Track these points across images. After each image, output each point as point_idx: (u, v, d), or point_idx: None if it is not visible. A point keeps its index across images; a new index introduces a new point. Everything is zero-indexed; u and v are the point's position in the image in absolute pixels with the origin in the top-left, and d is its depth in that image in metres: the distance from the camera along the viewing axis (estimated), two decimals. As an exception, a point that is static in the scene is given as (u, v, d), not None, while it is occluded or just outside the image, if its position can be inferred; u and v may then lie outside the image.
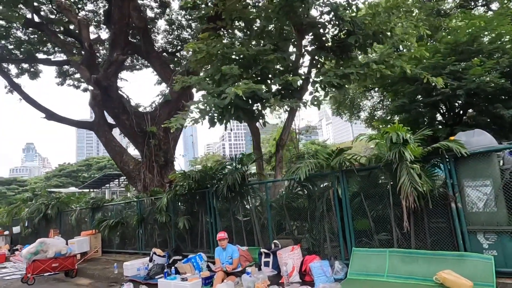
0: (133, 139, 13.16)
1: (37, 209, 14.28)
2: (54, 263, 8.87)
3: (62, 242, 9.43)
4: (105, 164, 58.10)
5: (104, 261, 10.39)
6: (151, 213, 9.90)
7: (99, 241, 11.50)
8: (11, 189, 58.32)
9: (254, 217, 7.24)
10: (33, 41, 18.19)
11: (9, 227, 18.14)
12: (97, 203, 11.93)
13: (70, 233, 14.11)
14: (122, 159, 14.10)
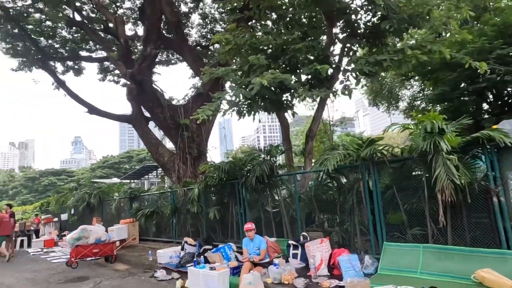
0: (167, 131, 13.56)
1: (81, 198, 15.22)
2: (95, 249, 9.42)
3: (102, 229, 9.98)
4: (144, 156, 60.62)
5: (141, 248, 10.86)
6: (183, 204, 10.19)
7: (136, 229, 12.04)
8: (61, 180, 62.81)
9: (283, 208, 7.19)
10: (76, 39, 19.20)
11: (58, 215, 19.55)
12: (134, 193, 12.48)
13: (110, 221, 14.90)
14: (158, 151, 14.59)
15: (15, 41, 17.80)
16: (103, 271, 8.48)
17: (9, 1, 17.19)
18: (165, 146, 14.99)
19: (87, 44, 19.87)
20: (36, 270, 9.15)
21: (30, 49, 17.83)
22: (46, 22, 17.88)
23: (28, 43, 17.41)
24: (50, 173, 68.21)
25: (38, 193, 61.64)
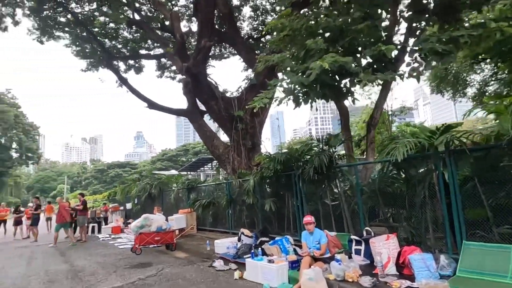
0: (222, 123, 13.70)
1: (143, 188, 16.11)
2: (157, 237, 9.83)
3: (162, 218, 10.39)
4: (199, 149, 62.93)
5: (199, 237, 11.15)
6: (239, 195, 10.21)
7: (194, 219, 12.40)
8: (126, 171, 67.77)
9: (343, 201, 6.79)
10: (136, 39, 20.26)
11: (123, 204, 21.00)
12: (192, 184, 12.84)
13: (170, 211, 15.57)
14: (213, 143, 14.85)
15: (83, 44, 19.28)
16: (165, 258, 8.80)
17: (78, 6, 18.62)
18: (219, 138, 15.20)
19: (146, 43, 20.89)
20: (105, 255, 9.81)
21: (96, 50, 19.17)
22: (110, 24, 19.08)
23: (95, 44, 18.73)
24: (116, 166, 74.01)
25: (106, 184, 67.30)
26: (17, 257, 10.37)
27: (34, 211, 15.12)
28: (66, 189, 74.88)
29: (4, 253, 11.68)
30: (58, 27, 18.58)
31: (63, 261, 9.15)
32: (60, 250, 11.46)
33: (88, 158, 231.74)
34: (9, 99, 59.32)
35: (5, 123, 55.72)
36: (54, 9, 17.92)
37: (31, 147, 60.15)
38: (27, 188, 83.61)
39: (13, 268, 8.63)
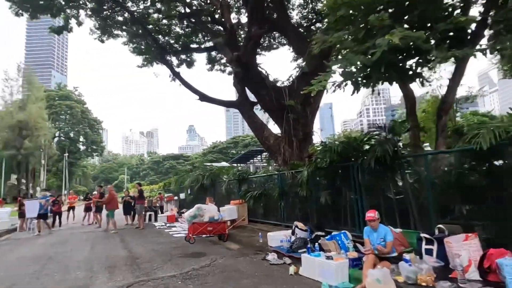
0: (273, 113, 13.39)
1: (196, 179, 16.44)
2: (209, 227, 9.88)
3: (214, 209, 10.41)
4: (249, 141, 63.54)
5: (250, 229, 11.03)
6: (291, 187, 9.85)
7: (245, 210, 12.30)
8: (179, 163, 70.87)
9: (410, 195, 6.12)
10: (188, 33, 20.67)
11: (177, 193, 21.76)
12: (243, 175, 12.75)
13: (221, 202, 15.69)
14: (263, 135, 14.62)
15: (139, 41, 20.11)
16: (217, 249, 8.79)
17: (133, 5, 19.38)
18: (270, 129, 14.92)
19: (197, 37, 21.23)
20: (160, 243, 10.09)
21: (151, 47, 19.88)
22: (163, 21, 19.71)
23: (149, 41, 19.42)
24: (171, 158, 77.74)
25: (162, 175, 71.00)
26: (83, 241, 11.10)
27: (99, 199, 16.16)
28: (126, 180, 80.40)
29: (73, 236, 12.62)
30: (116, 26, 19.51)
31: (122, 247, 9.57)
32: (120, 236, 12.07)
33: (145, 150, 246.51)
34: (76, 96, 64.82)
35: (73, 118, 61.03)
36: (112, 8, 18.81)
37: (95, 140, 65.30)
38: (93, 178, 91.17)
39: (79, 251, 9.21)
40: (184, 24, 20.28)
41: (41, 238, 12.46)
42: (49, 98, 57.52)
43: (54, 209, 15.89)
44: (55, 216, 16.11)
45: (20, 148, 33.99)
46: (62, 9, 17.53)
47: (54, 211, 15.93)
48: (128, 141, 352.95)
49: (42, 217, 13.86)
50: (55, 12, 17.39)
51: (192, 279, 5.76)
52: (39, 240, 12.07)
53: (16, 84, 35.82)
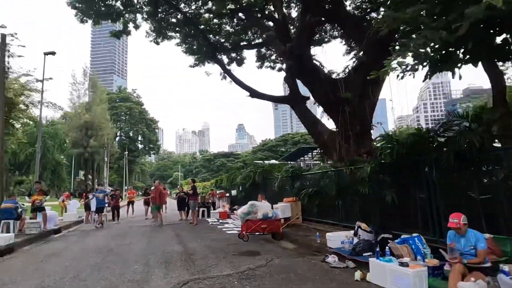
0: (327, 107, 12.70)
1: (247, 176, 16.29)
2: (263, 224, 9.56)
3: (268, 206, 10.07)
4: (298, 139, 62.65)
5: (305, 228, 10.51)
6: (350, 184, 9.14)
7: (299, 208, 11.81)
8: (230, 161, 72.20)
9: (501, 195, 5.19)
10: (237, 31, 20.70)
11: (229, 190, 21.88)
12: (296, 172, 12.25)
13: (273, 199, 15.34)
14: (317, 130, 13.98)
15: (191, 41, 20.57)
16: (272, 248, 8.43)
17: (186, 6, 19.80)
18: (324, 124, 14.22)
19: (246, 35, 21.17)
20: (214, 239, 9.99)
21: (202, 46, 20.24)
22: (213, 20, 19.93)
23: (201, 41, 19.78)
24: (221, 155, 79.54)
25: (213, 172, 72.87)
26: (141, 235, 11.43)
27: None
28: (180, 177, 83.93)
29: (132, 230, 13.11)
30: (170, 28, 20.14)
31: (177, 242, 9.62)
32: (175, 230, 12.27)
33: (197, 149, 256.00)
34: (134, 98, 68.94)
35: (132, 119, 64.98)
36: (166, 11, 19.40)
37: (152, 139, 68.94)
38: (150, 175, 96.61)
39: (137, 244, 9.42)
40: (234, 22, 20.32)
41: (103, 230, 13.12)
42: (111, 100, 61.82)
43: (112, 203, 16.56)
44: (114, 210, 16.71)
45: (86, 146, 36.89)
46: (121, 14, 18.45)
47: (113, 205, 16.60)
48: (182, 140, 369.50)
49: (98, 210, 14.44)
50: (115, 17, 18.39)
51: (249, 279, 5.44)
52: (102, 232, 12.71)
53: (82, 87, 38.90)
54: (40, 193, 12.67)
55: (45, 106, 27.01)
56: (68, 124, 38.14)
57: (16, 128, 29.61)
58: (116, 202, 16.76)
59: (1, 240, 8.89)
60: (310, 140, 63.77)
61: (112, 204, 16.59)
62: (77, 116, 37.41)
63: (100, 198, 14.40)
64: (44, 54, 18.65)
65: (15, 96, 23.58)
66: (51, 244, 10.26)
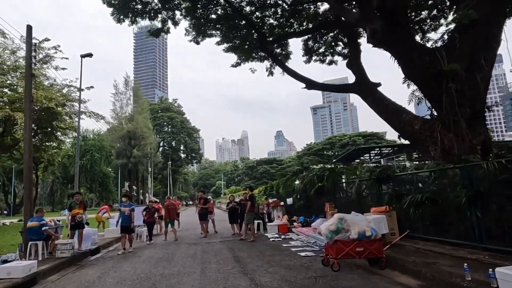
0: (424, 85, 9.65)
1: (310, 181, 13.55)
2: (359, 247, 6.75)
3: (364, 220, 7.25)
4: (347, 141, 58.61)
5: (413, 250, 7.52)
6: (495, 186, 6.11)
7: (394, 222, 8.84)
8: (273, 167, 69.66)
9: None
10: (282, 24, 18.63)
11: (283, 198, 19.20)
12: (386, 173, 9.27)
13: (345, 208, 12.53)
14: (402, 119, 10.97)
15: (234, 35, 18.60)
16: (381, 284, 5.63)
17: (225, 0, 17.84)
18: (410, 112, 11.18)
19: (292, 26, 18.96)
20: (289, 267, 7.34)
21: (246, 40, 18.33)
22: (256, 13, 17.94)
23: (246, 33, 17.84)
24: (263, 162, 77.14)
25: (256, 179, 70.56)
26: (191, 259, 9.08)
27: (203, 205, 14.49)
28: (223, 185, 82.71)
29: (179, 250, 10.87)
30: (210, 25, 18.44)
31: (240, 271, 7.10)
32: (232, 252, 9.80)
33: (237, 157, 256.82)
34: (176, 108, 68.99)
35: (174, 128, 64.85)
36: (205, 6, 17.71)
37: (194, 148, 68.36)
38: (193, 184, 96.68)
39: (188, 274, 7.04)
40: (278, 14, 18.18)
41: (146, 251, 11.00)
42: (153, 111, 62.16)
43: (146, 219, 13.55)
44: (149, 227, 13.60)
45: (130, 156, 36.24)
46: (159, 11, 17.27)
47: (146, 221, 13.57)
48: (222, 149, 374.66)
49: (125, 230, 11.13)
50: (152, 15, 17.35)
51: None
52: (144, 253, 10.58)
53: (124, 97, 38.59)
54: (81, 206, 10.90)
55: (87, 116, 26.43)
56: (112, 135, 37.89)
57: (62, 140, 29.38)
58: (149, 217, 13.61)
59: (19, 271, 6.94)
60: (360, 142, 59.43)
61: (146, 220, 13.59)
62: (120, 126, 37.05)
63: (126, 214, 11.13)
64: (81, 57, 17.40)
65: (57, 106, 22.88)
66: (84, 271, 8.22)
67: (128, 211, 11.16)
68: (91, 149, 52.18)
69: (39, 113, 22.41)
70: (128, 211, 11.17)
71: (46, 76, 24.40)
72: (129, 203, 11.63)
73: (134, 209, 11.42)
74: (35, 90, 20.34)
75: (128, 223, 11.14)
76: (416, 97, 10.70)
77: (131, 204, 11.69)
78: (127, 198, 11.87)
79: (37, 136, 25.38)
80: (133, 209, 11.36)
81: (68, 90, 25.27)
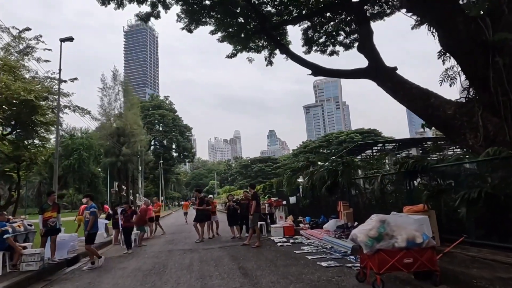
0: (466, 58, 8.11)
1: (321, 177, 11.99)
2: (407, 258, 5.19)
3: (411, 222, 5.70)
4: (344, 138, 57.37)
5: (469, 259, 5.98)
6: None
7: (434, 224, 7.29)
8: (268, 166, 68.12)
9: None
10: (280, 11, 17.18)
11: (285, 197, 17.64)
12: (422, 164, 7.69)
13: (361, 208, 11.07)
14: (430, 104, 9.48)
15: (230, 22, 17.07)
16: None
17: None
18: (439, 96, 9.71)
19: (291, 14, 17.49)
20: (313, 283, 5.73)
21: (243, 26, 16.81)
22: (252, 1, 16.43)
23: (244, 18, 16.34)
24: (258, 161, 75.56)
25: (251, 179, 68.96)
26: (186, 269, 7.44)
27: (198, 206, 12.86)
28: (216, 185, 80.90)
29: (172, 258, 9.20)
30: (204, 13, 16.87)
31: (250, 286, 5.50)
32: (236, 260, 8.17)
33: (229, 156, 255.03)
34: (167, 105, 66.92)
35: (165, 126, 62.81)
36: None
37: (186, 146, 66.37)
38: (185, 184, 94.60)
39: (184, 296, 5.41)
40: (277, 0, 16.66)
41: (133, 261, 9.31)
42: (144, 109, 59.97)
43: (123, 224, 11.44)
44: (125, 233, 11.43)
45: (119, 155, 34.29)
46: None
47: (123, 226, 11.47)
48: (214, 149, 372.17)
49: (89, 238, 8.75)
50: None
51: None
52: (130, 264, 8.89)
53: (113, 92, 36.55)
54: (54, 208, 9.16)
55: (71, 110, 24.50)
56: (100, 132, 35.86)
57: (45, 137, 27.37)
58: (127, 221, 11.36)
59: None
60: (357, 139, 58.23)
61: (123, 225, 11.42)
62: (108, 122, 35.06)
63: (86, 219, 8.90)
64: (60, 41, 15.54)
65: (36, 99, 20.94)
66: (52, 291, 6.53)
67: (87, 215, 8.79)
68: (79, 148, 49.80)
69: (18, 106, 20.46)
70: (88, 215, 8.79)
71: (27, 68, 22.44)
72: (91, 205, 9.01)
73: (94, 212, 8.81)
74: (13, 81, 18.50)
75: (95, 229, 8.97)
76: (448, 77, 9.22)
77: (92, 206, 8.96)
78: (87, 199, 9.34)
79: (15, 132, 23.37)
80: (93, 212, 8.76)
81: (51, 83, 23.27)
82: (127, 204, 11.97)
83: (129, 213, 11.54)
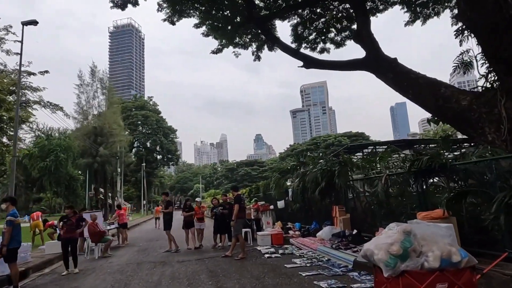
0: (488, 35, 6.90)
1: (314, 179, 10.65)
2: (441, 282, 3.87)
3: (443, 234, 4.35)
4: (332, 141, 56.54)
5: (509, 280, 4.71)
6: None
7: (456, 233, 6.03)
8: (254, 169, 66.64)
9: None
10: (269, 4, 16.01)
11: (273, 201, 16.26)
12: (439, 162, 6.40)
13: (359, 213, 9.82)
14: (440, 95, 8.30)
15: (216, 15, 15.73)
16: None
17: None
18: (451, 85, 8.56)
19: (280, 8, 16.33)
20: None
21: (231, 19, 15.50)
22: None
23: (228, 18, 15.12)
24: (244, 164, 74.04)
25: (237, 182, 67.25)
26: (152, 293, 5.93)
27: (164, 209, 11.44)
28: (201, 188, 78.84)
29: (139, 271, 7.65)
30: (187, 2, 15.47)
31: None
32: (215, 278, 6.69)
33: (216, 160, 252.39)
34: (151, 106, 64.79)
35: (149, 128, 60.66)
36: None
37: (171, 148, 64.28)
38: (170, 188, 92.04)
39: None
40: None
41: (90, 277, 7.72)
42: (126, 109, 57.75)
43: (63, 234, 8.84)
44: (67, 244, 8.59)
45: (96, 155, 32.22)
46: None
47: (62, 237, 8.89)
48: (200, 152, 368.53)
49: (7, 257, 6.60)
50: None
51: None
52: (87, 281, 7.30)
53: (91, 90, 34.50)
54: None
55: (41, 106, 22.59)
56: (76, 131, 33.73)
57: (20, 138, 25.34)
58: (68, 232, 8.68)
59: None
60: (345, 142, 57.45)
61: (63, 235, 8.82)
62: (86, 121, 33.00)
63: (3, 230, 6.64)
64: (22, 25, 13.80)
65: (0, 92, 19.06)
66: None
67: (4, 227, 6.54)
68: (55, 149, 47.24)
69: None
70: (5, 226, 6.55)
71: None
72: (12, 211, 6.63)
73: (10, 221, 6.48)
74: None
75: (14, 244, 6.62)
76: (463, 64, 8.06)
77: (11, 213, 6.59)
78: (7, 204, 6.78)
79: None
80: (9, 222, 6.47)
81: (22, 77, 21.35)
82: (70, 209, 9.33)
83: (74, 221, 8.94)
